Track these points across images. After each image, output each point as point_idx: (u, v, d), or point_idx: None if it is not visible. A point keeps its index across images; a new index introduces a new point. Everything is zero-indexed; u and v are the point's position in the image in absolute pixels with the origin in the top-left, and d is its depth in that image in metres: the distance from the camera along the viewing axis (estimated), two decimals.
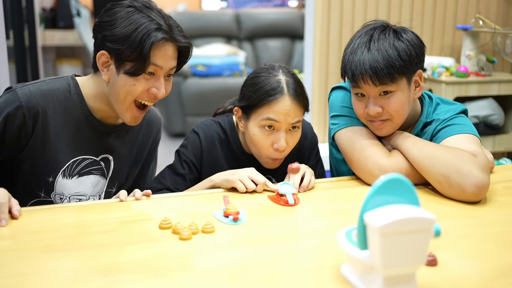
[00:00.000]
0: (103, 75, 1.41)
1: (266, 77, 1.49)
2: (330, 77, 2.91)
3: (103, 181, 1.55)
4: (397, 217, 0.87)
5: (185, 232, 1.14)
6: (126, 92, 1.39)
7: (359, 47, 1.46)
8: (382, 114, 1.47)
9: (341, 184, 1.53)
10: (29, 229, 1.19)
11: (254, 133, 1.49)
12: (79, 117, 1.46)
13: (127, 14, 1.36)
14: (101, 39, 1.38)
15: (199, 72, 5.37)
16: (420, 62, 1.49)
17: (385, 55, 1.42)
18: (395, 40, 1.45)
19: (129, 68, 1.36)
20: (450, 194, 1.40)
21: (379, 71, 1.42)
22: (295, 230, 1.22)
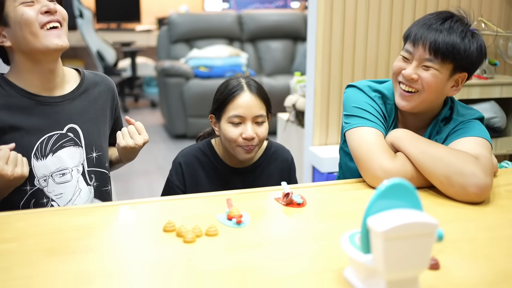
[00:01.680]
0: (5, 44, 1.46)
1: (229, 82, 1.71)
2: (332, 80, 2.92)
3: (80, 150, 1.58)
4: (400, 221, 0.87)
5: (189, 235, 1.15)
6: (24, 25, 1.43)
7: (435, 18, 1.54)
8: (415, 82, 1.54)
9: (345, 187, 1.54)
10: (33, 232, 1.20)
11: (225, 129, 1.66)
12: (22, 101, 1.49)
13: None
14: None
15: (201, 74, 5.38)
16: (471, 67, 1.55)
17: (455, 38, 1.49)
18: (470, 35, 1.52)
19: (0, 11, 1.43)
20: (452, 194, 1.41)
21: (440, 44, 1.49)
22: (298, 233, 1.23)
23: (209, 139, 1.81)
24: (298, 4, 7.83)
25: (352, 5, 2.86)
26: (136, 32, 7.46)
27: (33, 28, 1.44)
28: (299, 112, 3.42)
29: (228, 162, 1.76)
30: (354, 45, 2.91)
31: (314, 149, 2.95)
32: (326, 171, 2.85)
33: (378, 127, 1.57)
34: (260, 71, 6.06)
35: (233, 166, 1.76)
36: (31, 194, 1.49)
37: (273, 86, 5.41)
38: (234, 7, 7.88)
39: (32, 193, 1.49)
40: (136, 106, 7.16)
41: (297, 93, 3.57)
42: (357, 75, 2.94)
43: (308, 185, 1.57)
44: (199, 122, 5.19)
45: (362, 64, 2.93)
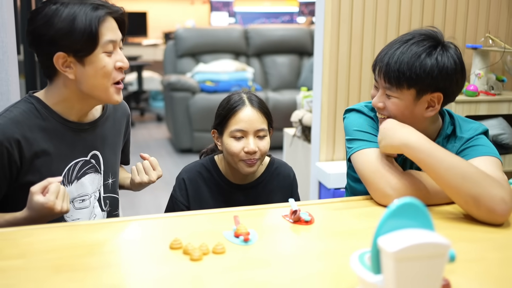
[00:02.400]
0: (68, 75, 1.43)
1: (231, 97, 1.72)
2: (339, 95, 2.91)
3: (99, 176, 1.58)
4: (412, 242, 0.86)
5: (195, 253, 1.13)
6: (103, 76, 1.43)
7: (396, 42, 1.51)
8: (383, 111, 1.53)
9: (354, 204, 1.52)
10: (40, 248, 1.19)
11: (227, 143, 1.67)
12: (56, 127, 1.48)
13: (60, 10, 1.39)
14: (48, 44, 1.40)
15: (207, 88, 5.38)
16: (443, 86, 1.47)
17: (405, 60, 1.45)
18: (427, 53, 1.46)
19: (86, 52, 1.40)
20: (476, 216, 1.37)
21: (390, 71, 1.47)
22: (307, 251, 1.21)
23: (212, 156, 1.81)
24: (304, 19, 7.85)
25: (359, 20, 2.87)
26: (142, 46, 7.50)
27: (107, 83, 1.45)
28: (305, 127, 3.42)
29: (231, 178, 1.76)
30: (361, 60, 2.91)
31: (320, 165, 2.94)
32: (333, 187, 2.83)
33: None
34: (266, 86, 6.07)
35: (235, 182, 1.76)
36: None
37: (279, 101, 5.40)
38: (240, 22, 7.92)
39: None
40: (142, 120, 7.17)
41: (304, 108, 3.57)
42: (364, 90, 2.93)
43: (316, 202, 1.56)
44: (205, 136, 5.19)
45: (369, 79, 2.92)
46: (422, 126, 1.54)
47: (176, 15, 7.93)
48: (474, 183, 1.35)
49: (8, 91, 2.24)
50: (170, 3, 7.97)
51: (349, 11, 2.85)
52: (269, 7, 8.23)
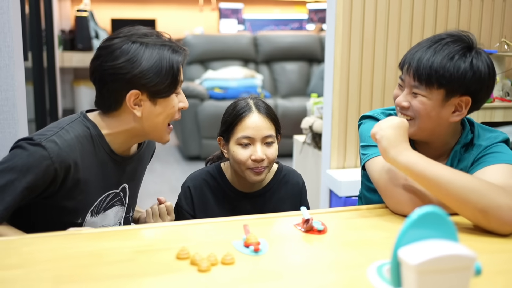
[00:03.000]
0: (136, 113, 1.43)
1: (237, 103, 1.68)
2: (350, 101, 2.86)
3: (122, 209, 1.57)
4: (435, 254, 0.80)
5: (203, 264, 1.08)
6: (167, 116, 1.47)
7: (428, 41, 1.48)
8: (408, 110, 1.48)
9: (368, 213, 1.46)
10: (40, 258, 1.14)
11: (234, 151, 1.63)
12: (102, 157, 1.47)
13: (140, 50, 1.41)
14: (126, 82, 1.40)
15: (216, 95, 5.35)
16: (474, 90, 1.43)
17: (438, 59, 1.42)
18: (460, 55, 1.42)
19: (163, 93, 1.44)
20: (487, 228, 1.30)
21: (422, 67, 1.43)
22: (321, 262, 1.16)
23: (219, 163, 1.77)
24: (313, 26, 7.82)
25: (371, 26, 2.82)
26: None
27: (167, 122, 1.49)
28: (316, 134, 3.36)
29: (238, 186, 1.72)
30: (372, 66, 2.85)
31: (331, 172, 2.88)
32: (344, 195, 2.77)
33: None
34: (275, 93, 6.02)
35: (242, 190, 1.72)
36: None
37: (288, 108, 5.36)
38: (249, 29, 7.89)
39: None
40: None
41: (314, 115, 3.51)
42: (376, 96, 2.88)
43: (328, 210, 1.51)
44: (213, 143, 5.14)
45: (381, 85, 2.87)
46: (443, 133, 1.51)
47: (185, 22, 7.92)
48: (479, 195, 1.29)
49: (14, 96, 2.21)
50: (179, 10, 7.96)
51: (360, 16, 2.81)
52: (278, 14, 8.20)
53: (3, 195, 1.32)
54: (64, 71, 7.20)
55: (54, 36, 6.30)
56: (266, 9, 8.25)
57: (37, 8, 5.00)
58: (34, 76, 4.95)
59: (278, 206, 1.71)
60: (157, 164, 5.13)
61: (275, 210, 1.64)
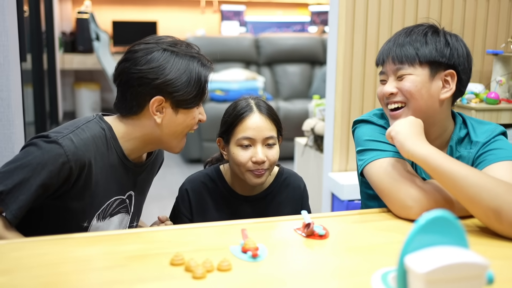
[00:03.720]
0: (156, 119, 1.42)
1: (238, 103, 1.63)
2: (353, 103, 2.81)
3: (127, 217, 1.54)
4: (445, 262, 0.75)
5: (199, 270, 1.03)
6: (186, 126, 1.47)
7: (395, 34, 1.53)
8: (397, 96, 1.46)
9: (372, 217, 1.41)
10: (29, 264, 1.09)
11: (234, 152, 1.58)
12: (114, 161, 1.45)
13: (170, 58, 1.42)
14: (153, 88, 1.40)
15: (217, 97, 5.31)
16: (455, 63, 1.46)
17: (413, 38, 1.47)
18: (433, 35, 1.48)
19: (187, 104, 1.44)
20: (498, 230, 1.26)
21: (401, 49, 1.46)
22: (322, 269, 1.10)
23: (218, 165, 1.72)
24: (315, 29, 7.77)
25: (373, 28, 2.77)
26: None
27: (184, 132, 1.49)
28: (318, 137, 3.31)
29: (237, 189, 1.67)
30: (375, 68, 2.80)
31: (333, 175, 2.83)
32: (346, 198, 2.72)
33: (395, 154, 1.45)
34: (277, 95, 5.98)
35: (242, 193, 1.67)
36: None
37: (290, 111, 5.32)
38: (251, 32, 7.86)
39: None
40: None
41: (316, 116, 3.46)
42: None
43: (330, 214, 1.45)
44: (215, 146, 5.09)
45: None
46: (437, 116, 1.48)
47: (186, 24, 7.89)
48: (493, 194, 1.24)
49: (9, 97, 2.17)
50: (181, 12, 7.93)
51: (363, 18, 2.76)
52: (280, 16, 8.16)
53: (17, 194, 1.29)
54: (65, 73, 7.17)
55: (54, 38, 6.27)
56: (268, 11, 8.22)
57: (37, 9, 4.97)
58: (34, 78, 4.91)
59: (279, 210, 1.66)
60: None
61: (275, 214, 1.59)
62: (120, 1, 7.51)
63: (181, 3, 7.87)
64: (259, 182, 1.59)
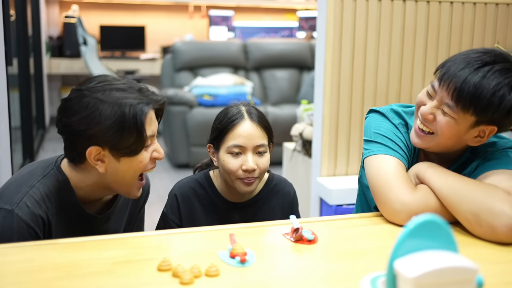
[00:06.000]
0: (99, 169, 1.34)
1: (229, 110, 1.61)
2: (341, 108, 2.81)
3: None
4: (434, 266, 0.74)
5: (186, 276, 1.02)
6: (134, 172, 1.38)
7: (476, 61, 1.34)
8: (431, 124, 1.40)
9: (361, 222, 1.41)
10: (10, 270, 1.07)
11: (224, 160, 1.56)
12: (72, 213, 1.40)
13: (100, 105, 1.30)
14: (87, 138, 1.31)
15: (205, 102, 5.29)
16: (502, 124, 1.37)
17: (485, 88, 1.31)
18: (509, 88, 1.32)
19: (128, 151, 1.34)
20: (480, 234, 1.27)
21: (464, 91, 1.32)
22: (311, 274, 1.10)
23: (207, 171, 1.70)
24: (304, 34, 7.79)
25: (362, 32, 2.77)
26: (140, 60, 7.42)
27: (135, 177, 1.39)
28: (306, 142, 3.31)
29: (227, 195, 1.65)
30: (364, 72, 2.80)
31: (322, 180, 2.82)
32: (335, 203, 2.71)
33: (400, 156, 1.45)
34: (265, 100, 5.98)
35: (231, 200, 1.65)
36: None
37: (279, 116, 5.32)
38: (239, 37, 7.86)
39: None
40: None
41: (304, 121, 3.46)
42: (367, 103, 2.83)
43: (319, 219, 1.45)
44: (203, 151, 5.08)
45: (372, 91, 2.82)
46: (456, 149, 1.47)
47: (174, 30, 7.87)
48: (472, 199, 1.27)
49: None
50: (169, 17, 7.91)
51: (351, 23, 2.76)
52: (268, 22, 8.17)
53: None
54: (52, 78, 7.12)
55: (41, 42, 6.23)
56: (257, 16, 8.23)
57: (23, 13, 4.93)
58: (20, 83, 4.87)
59: (269, 216, 1.65)
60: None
61: (265, 220, 1.56)
62: (107, 5, 7.48)
63: (169, 8, 7.86)
64: (249, 190, 1.58)
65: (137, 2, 7.64)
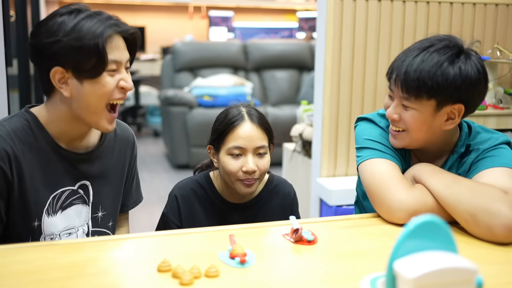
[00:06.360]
0: (63, 92, 1.33)
1: (229, 111, 1.61)
2: (341, 108, 2.81)
3: (86, 208, 1.47)
4: (434, 267, 0.74)
5: (186, 277, 1.02)
6: (98, 97, 1.33)
7: (414, 49, 1.40)
8: (399, 123, 1.44)
9: (360, 222, 1.41)
10: (13, 271, 1.07)
11: (224, 161, 1.56)
12: (47, 151, 1.38)
13: (67, 23, 1.30)
14: (49, 58, 1.31)
15: (205, 103, 5.29)
16: (465, 97, 1.37)
17: (426, 69, 1.35)
18: (449, 61, 1.35)
19: (90, 72, 1.31)
20: (478, 234, 1.28)
21: (409, 80, 1.36)
22: (310, 275, 1.10)
23: (207, 172, 1.70)
24: (304, 35, 7.80)
25: (362, 32, 2.77)
26: (140, 61, 7.42)
27: (102, 104, 1.35)
28: (306, 142, 3.31)
29: (227, 196, 1.65)
30: (363, 72, 2.81)
31: (321, 181, 2.83)
32: (335, 204, 2.71)
33: (393, 158, 1.45)
34: (265, 101, 5.98)
35: (231, 201, 1.65)
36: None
37: (278, 116, 5.32)
38: (239, 37, 7.86)
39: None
40: (139, 136, 7.06)
41: (304, 122, 3.46)
42: (367, 103, 2.83)
43: (319, 220, 1.45)
44: (202, 152, 5.08)
45: (372, 92, 2.82)
46: (438, 140, 1.47)
47: (174, 30, 7.88)
48: (469, 200, 1.28)
49: None
50: (169, 18, 7.92)
51: (351, 23, 2.76)
52: (268, 22, 8.18)
53: None
54: None
55: None
56: (256, 17, 8.23)
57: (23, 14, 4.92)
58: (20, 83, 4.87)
59: (269, 217, 1.65)
60: (145, 172, 5.05)
61: (265, 221, 1.56)
62: (107, 6, 7.48)
63: (169, 8, 7.86)
64: (249, 191, 1.58)
65: (137, 3, 7.65)
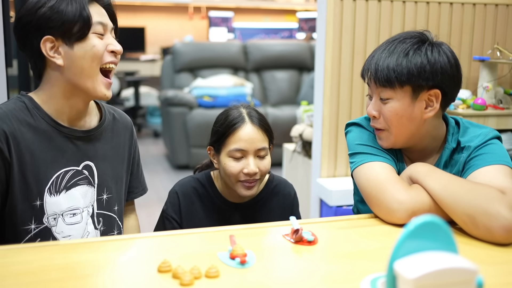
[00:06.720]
0: (56, 61, 1.36)
1: (229, 113, 1.61)
2: (341, 108, 2.81)
3: (92, 190, 1.48)
4: (434, 267, 0.74)
5: (186, 277, 1.02)
6: (90, 58, 1.37)
7: (382, 45, 1.47)
8: (378, 121, 1.46)
9: (361, 223, 1.40)
10: (13, 271, 1.07)
11: (225, 163, 1.56)
12: (46, 130, 1.39)
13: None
14: (35, 30, 1.34)
15: (205, 103, 5.29)
16: (439, 82, 1.40)
17: (393, 59, 1.40)
18: (415, 49, 1.41)
19: (78, 34, 1.35)
20: (477, 235, 1.27)
21: (379, 70, 1.41)
22: (310, 275, 1.10)
23: (208, 171, 1.70)
24: (303, 35, 7.80)
25: (361, 33, 2.77)
26: (140, 61, 7.43)
27: (96, 66, 1.38)
28: (306, 143, 3.31)
29: (228, 196, 1.65)
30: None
31: (322, 181, 2.83)
32: (335, 204, 2.72)
33: (386, 160, 1.45)
34: (265, 101, 5.98)
35: (232, 201, 1.65)
36: (36, 234, 1.37)
37: (278, 117, 5.32)
38: (239, 38, 7.86)
39: (37, 232, 1.38)
40: (139, 136, 7.07)
41: (304, 122, 3.46)
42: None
43: (319, 220, 1.45)
44: (202, 152, 5.08)
45: None
46: (422, 133, 1.47)
47: (174, 31, 7.88)
48: (467, 201, 1.27)
49: None
50: (168, 18, 7.92)
51: (351, 23, 2.76)
52: (268, 23, 8.18)
53: None
54: None
55: None
56: (256, 18, 8.24)
57: None
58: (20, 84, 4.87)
59: (269, 217, 1.65)
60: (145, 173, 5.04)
61: (266, 221, 1.56)
62: None
63: (169, 9, 7.87)
64: (250, 194, 1.58)
65: (137, 3, 7.65)
